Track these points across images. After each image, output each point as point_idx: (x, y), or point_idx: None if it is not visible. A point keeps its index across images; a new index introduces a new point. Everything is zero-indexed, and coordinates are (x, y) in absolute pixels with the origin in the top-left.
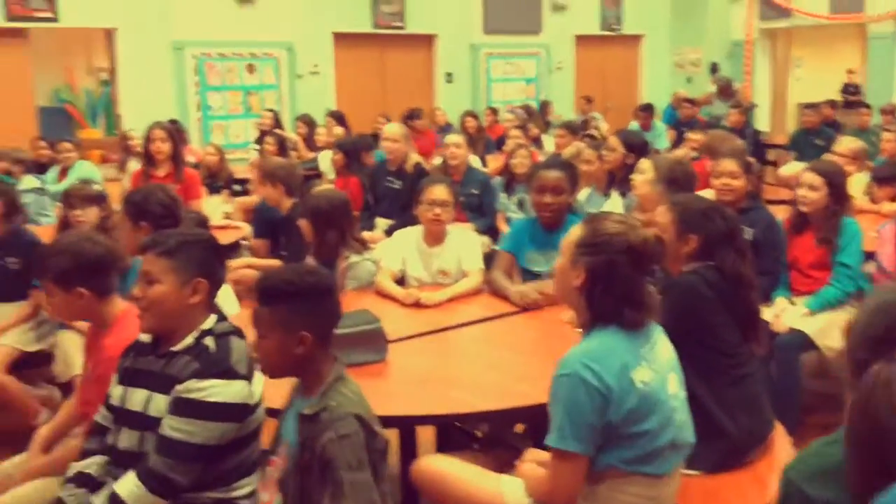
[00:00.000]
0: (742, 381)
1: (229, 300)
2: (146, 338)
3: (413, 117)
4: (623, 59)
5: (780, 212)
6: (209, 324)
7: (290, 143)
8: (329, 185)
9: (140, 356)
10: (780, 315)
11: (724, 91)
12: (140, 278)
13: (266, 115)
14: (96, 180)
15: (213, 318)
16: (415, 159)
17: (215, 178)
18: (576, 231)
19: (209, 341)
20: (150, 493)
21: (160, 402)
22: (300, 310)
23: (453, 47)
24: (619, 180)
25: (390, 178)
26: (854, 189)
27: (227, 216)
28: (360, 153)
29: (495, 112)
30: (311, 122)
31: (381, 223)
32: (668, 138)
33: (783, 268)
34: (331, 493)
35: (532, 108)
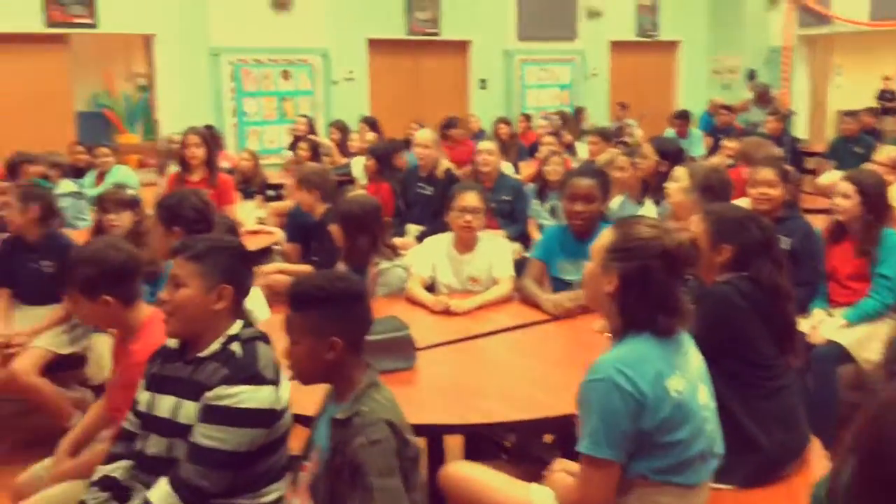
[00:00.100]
0: (777, 393)
1: (259, 305)
2: (173, 344)
3: (450, 126)
4: (659, 66)
5: (819, 221)
6: (235, 329)
7: (323, 149)
8: (361, 191)
9: (167, 362)
10: (818, 326)
11: (762, 98)
12: (168, 282)
13: (300, 121)
14: (133, 185)
15: (239, 324)
16: (445, 165)
17: (249, 184)
18: (607, 235)
19: (236, 347)
20: (183, 502)
21: (189, 409)
22: (331, 316)
23: (487, 54)
24: (653, 188)
25: (421, 184)
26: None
27: (261, 221)
28: (393, 158)
29: (529, 118)
30: (344, 128)
31: (412, 229)
32: (704, 145)
33: (821, 278)
34: (360, 499)
35: (567, 114)
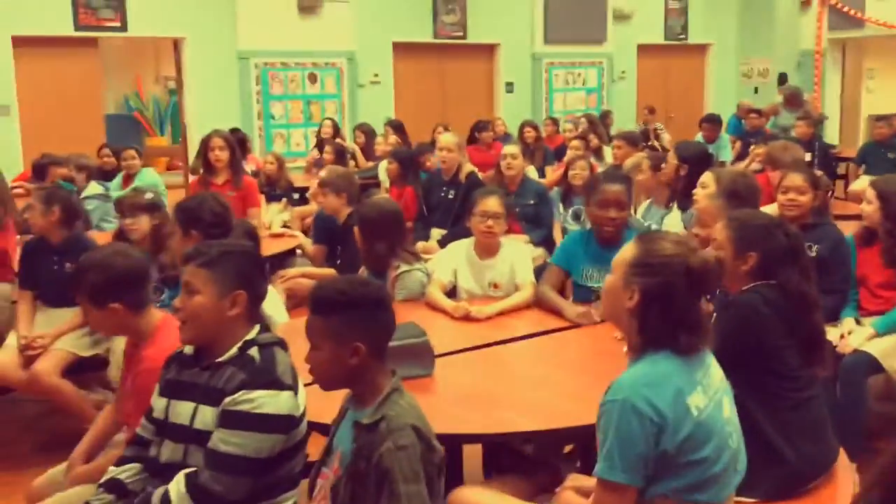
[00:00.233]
0: (804, 405)
1: (278, 309)
2: (189, 349)
3: (480, 129)
4: (688, 69)
5: (851, 228)
6: (252, 334)
7: (348, 152)
8: (385, 195)
9: (184, 368)
10: (847, 336)
11: (792, 101)
12: (182, 289)
13: (326, 124)
14: (159, 188)
15: (256, 329)
16: (468, 169)
17: (274, 187)
18: (629, 249)
19: (253, 352)
20: None
21: (207, 415)
22: (354, 321)
23: (514, 57)
24: (678, 193)
25: (444, 187)
26: None
27: (286, 224)
28: (416, 162)
29: (555, 122)
30: (369, 132)
31: (435, 233)
32: (732, 150)
33: (851, 286)
34: None
35: (594, 117)
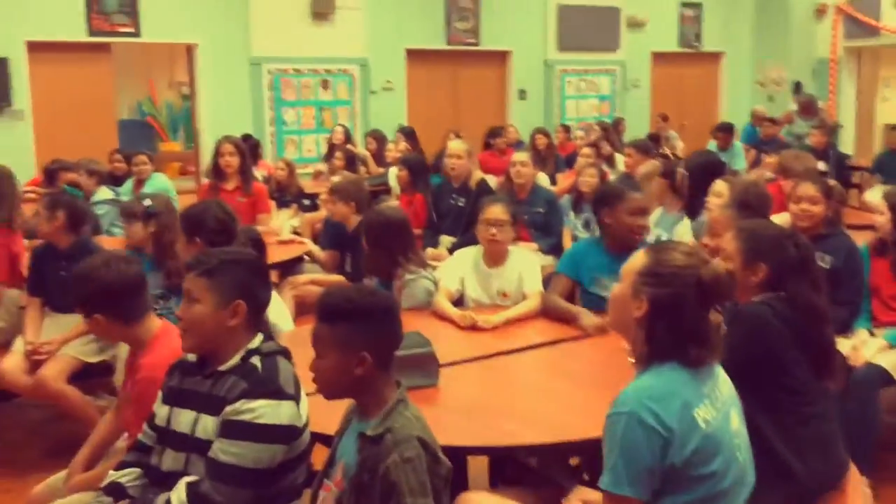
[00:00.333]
0: (813, 419)
1: (283, 317)
2: (192, 357)
3: (495, 135)
4: (702, 77)
5: (865, 238)
6: (255, 343)
7: (359, 159)
8: (394, 202)
9: (186, 376)
10: (859, 348)
11: (807, 108)
12: (184, 297)
13: (337, 130)
14: (169, 193)
15: (259, 338)
16: (478, 176)
17: (284, 193)
18: (639, 258)
19: (256, 361)
20: None
21: (208, 424)
22: (361, 330)
23: (527, 64)
24: (687, 202)
25: (454, 195)
26: None
27: (296, 231)
28: (427, 169)
29: (567, 129)
30: (381, 138)
31: (445, 241)
32: (746, 158)
33: (864, 298)
34: None
35: (608, 125)
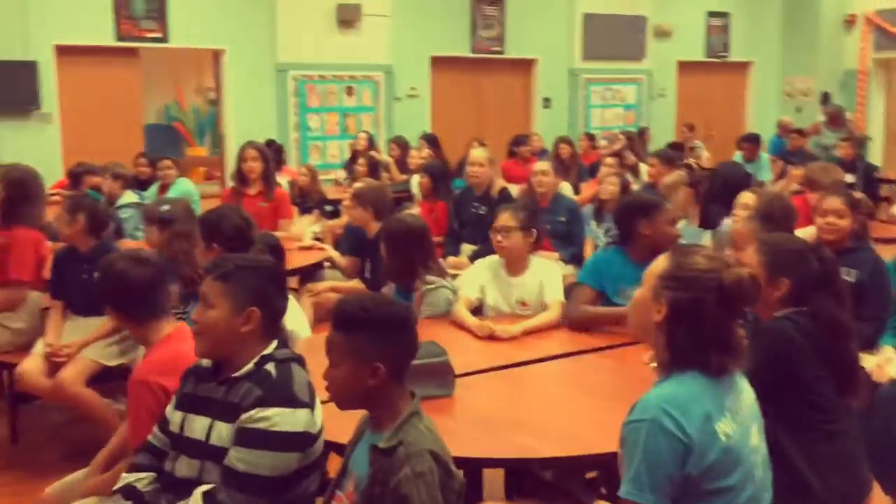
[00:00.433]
0: (836, 437)
1: (300, 323)
2: (206, 363)
3: (519, 143)
4: (729, 87)
5: (893, 251)
6: (270, 349)
7: (382, 166)
8: (415, 209)
9: (201, 382)
10: (884, 365)
11: (835, 120)
12: (200, 300)
13: (361, 137)
14: (193, 197)
15: (273, 344)
16: (500, 184)
17: (306, 199)
18: (661, 262)
19: (270, 367)
20: None
21: (222, 431)
22: (375, 340)
23: (552, 72)
24: (702, 213)
25: (476, 203)
26: None
27: (317, 237)
28: (450, 176)
29: (591, 138)
30: (404, 145)
31: (466, 249)
32: (772, 170)
33: (891, 313)
34: None
35: (633, 134)
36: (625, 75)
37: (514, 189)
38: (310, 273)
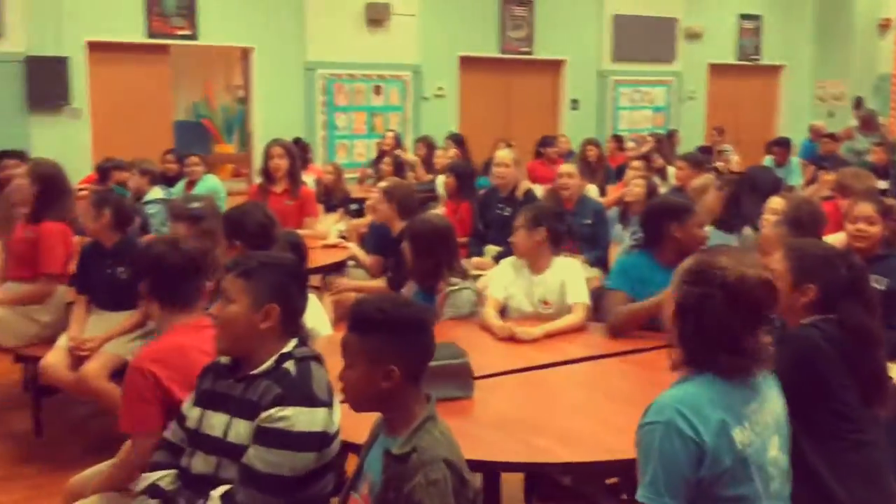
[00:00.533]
0: (862, 447)
1: (321, 321)
2: (225, 360)
3: (546, 145)
4: (759, 90)
5: None
6: (289, 347)
7: (408, 165)
8: (441, 209)
9: (219, 379)
10: None
11: (867, 124)
12: (221, 296)
13: (388, 136)
14: (219, 194)
15: (293, 342)
16: (526, 185)
17: (331, 197)
18: (689, 258)
19: (289, 365)
20: None
21: (241, 428)
22: (390, 342)
23: (581, 74)
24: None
25: (501, 204)
26: None
27: (342, 235)
28: (474, 176)
29: (619, 140)
30: (431, 145)
31: (490, 250)
32: (803, 174)
33: None
34: None
35: (662, 136)
36: (654, 77)
37: (540, 190)
38: (333, 271)
